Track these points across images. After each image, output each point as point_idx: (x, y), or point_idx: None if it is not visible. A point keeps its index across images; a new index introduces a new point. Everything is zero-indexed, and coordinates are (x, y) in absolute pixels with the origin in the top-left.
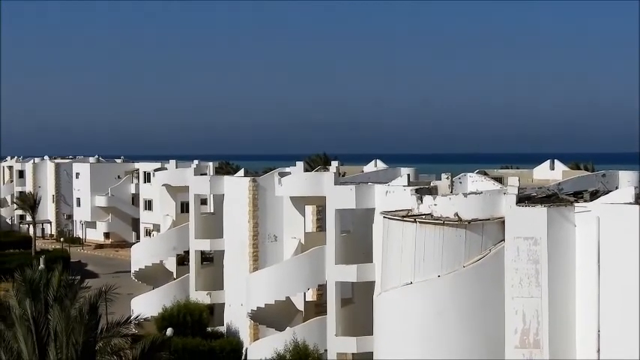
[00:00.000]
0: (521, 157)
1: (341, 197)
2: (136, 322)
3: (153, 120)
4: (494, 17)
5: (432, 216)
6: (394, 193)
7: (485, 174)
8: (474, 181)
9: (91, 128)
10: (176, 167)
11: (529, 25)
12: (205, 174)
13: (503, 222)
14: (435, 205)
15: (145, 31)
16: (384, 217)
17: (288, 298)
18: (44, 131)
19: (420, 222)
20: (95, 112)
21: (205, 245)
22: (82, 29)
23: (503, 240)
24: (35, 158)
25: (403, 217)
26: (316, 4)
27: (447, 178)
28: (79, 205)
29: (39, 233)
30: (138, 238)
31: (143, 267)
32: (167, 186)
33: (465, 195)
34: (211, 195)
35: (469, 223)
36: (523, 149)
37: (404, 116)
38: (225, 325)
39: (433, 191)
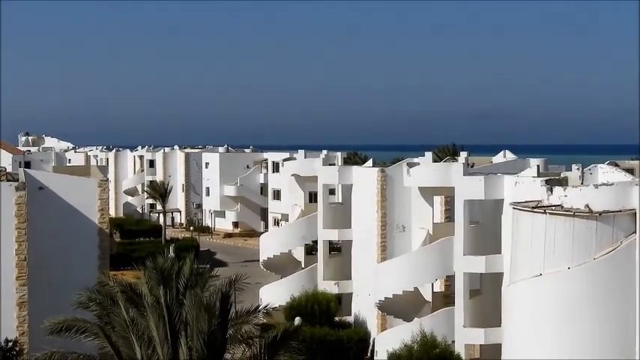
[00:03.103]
0: None
1: (470, 188)
2: (265, 311)
3: (282, 110)
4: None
5: (562, 207)
6: (523, 184)
7: (617, 165)
8: (604, 172)
9: (222, 118)
10: (305, 157)
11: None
12: (334, 164)
13: (635, 214)
14: (566, 196)
15: (280, 21)
16: (514, 208)
17: (415, 288)
18: (174, 121)
19: (550, 213)
20: (225, 101)
21: (333, 235)
22: (206, 24)
23: (635, 232)
24: (165, 148)
25: (533, 208)
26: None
27: (578, 169)
28: (208, 194)
29: (169, 222)
30: (266, 227)
31: (272, 256)
32: (296, 176)
33: (596, 186)
34: (340, 185)
35: (600, 214)
36: None
37: (535, 107)
38: (352, 314)
39: (563, 182)
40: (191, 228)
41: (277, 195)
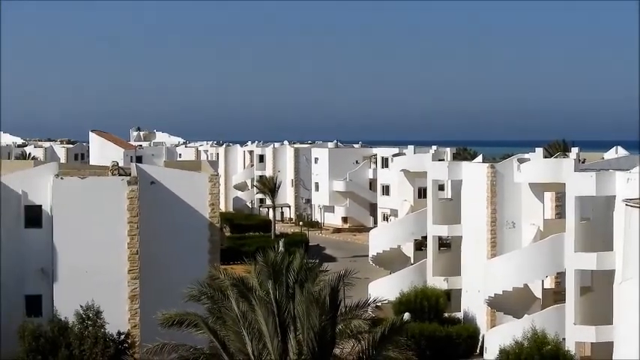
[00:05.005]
0: None
1: (581, 184)
2: (374, 305)
3: (391, 106)
4: None
5: None
6: (636, 180)
7: None
8: None
9: (330, 113)
10: (414, 153)
11: None
12: (443, 160)
13: None
14: None
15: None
16: (626, 204)
17: (526, 285)
18: (282, 116)
19: None
20: (334, 97)
21: (443, 231)
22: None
23: None
24: (275, 143)
25: None
26: None
27: None
28: (317, 189)
29: (278, 217)
30: (375, 222)
31: (381, 251)
32: (405, 171)
33: None
34: (449, 180)
35: None
36: None
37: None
38: (462, 311)
39: None
40: (300, 223)
41: (386, 190)
